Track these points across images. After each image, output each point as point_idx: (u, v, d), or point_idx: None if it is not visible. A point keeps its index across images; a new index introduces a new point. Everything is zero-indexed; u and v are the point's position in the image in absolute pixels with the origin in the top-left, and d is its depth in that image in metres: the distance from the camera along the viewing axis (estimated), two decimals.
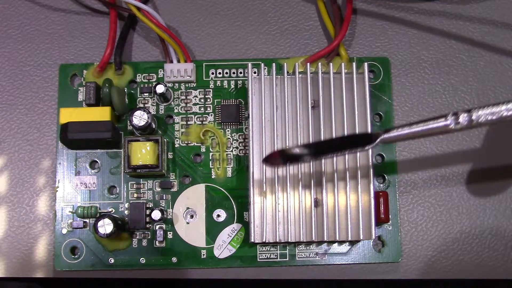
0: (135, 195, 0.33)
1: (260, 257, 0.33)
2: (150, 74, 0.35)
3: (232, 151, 0.34)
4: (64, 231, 0.33)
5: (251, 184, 0.31)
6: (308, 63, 0.33)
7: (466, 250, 0.33)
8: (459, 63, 0.35)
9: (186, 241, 0.33)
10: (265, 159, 0.29)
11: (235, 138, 0.34)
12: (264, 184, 0.31)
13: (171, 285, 0.35)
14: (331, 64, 0.32)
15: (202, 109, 0.34)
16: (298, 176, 0.31)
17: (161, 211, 0.32)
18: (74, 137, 0.31)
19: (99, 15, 0.36)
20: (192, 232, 0.33)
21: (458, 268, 0.33)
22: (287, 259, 0.33)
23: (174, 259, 0.32)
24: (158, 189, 0.33)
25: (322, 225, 0.30)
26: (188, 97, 0.34)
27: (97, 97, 0.33)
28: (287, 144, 0.31)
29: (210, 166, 0.33)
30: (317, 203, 0.31)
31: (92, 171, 0.33)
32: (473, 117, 0.25)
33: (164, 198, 0.33)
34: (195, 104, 0.34)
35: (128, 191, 0.33)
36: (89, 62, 0.35)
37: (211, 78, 0.34)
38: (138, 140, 0.32)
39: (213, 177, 0.33)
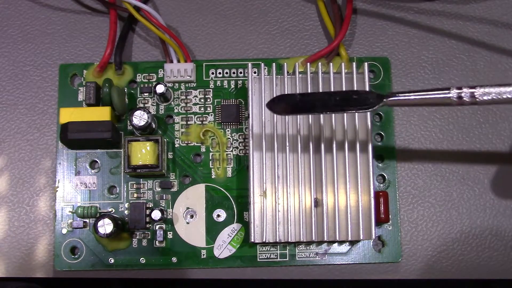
0: (135, 195, 0.33)
1: (260, 257, 0.33)
2: (150, 74, 0.35)
3: (232, 151, 0.34)
4: (64, 231, 0.33)
5: (251, 184, 0.31)
6: (308, 63, 0.33)
7: (466, 250, 0.33)
8: (459, 63, 0.35)
9: (186, 241, 0.33)
10: (269, 104, 0.28)
11: (235, 138, 0.34)
12: (264, 184, 0.31)
13: (171, 285, 0.35)
14: (331, 64, 0.32)
15: (202, 109, 0.34)
16: (298, 176, 0.31)
17: (161, 211, 0.32)
18: (74, 137, 0.31)
19: (99, 15, 0.36)
20: (192, 232, 0.33)
21: (458, 268, 0.33)
22: (287, 259, 0.33)
23: (174, 259, 0.32)
24: (158, 189, 0.33)
25: (322, 225, 0.30)
26: (188, 97, 0.34)
27: (97, 97, 0.33)
28: (287, 144, 0.31)
29: (210, 166, 0.33)
30: (317, 203, 0.31)
31: (92, 171, 0.33)
32: (476, 94, 0.26)
33: (164, 198, 0.33)
34: (195, 104, 0.34)
35: (128, 191, 0.33)
36: (89, 62, 0.35)
37: (211, 78, 0.34)
38: (138, 140, 0.32)
39: (213, 177, 0.33)
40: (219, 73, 0.35)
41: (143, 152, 0.32)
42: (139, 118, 0.32)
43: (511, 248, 0.33)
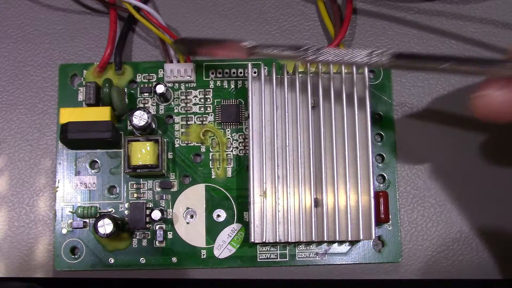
0: (135, 195, 0.33)
1: (260, 257, 0.33)
2: (150, 74, 0.35)
3: (232, 151, 0.34)
4: (64, 231, 0.33)
5: (251, 184, 0.31)
6: (308, 63, 0.33)
7: (466, 250, 0.33)
8: None
9: (186, 241, 0.33)
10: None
11: (235, 138, 0.34)
12: (264, 184, 0.31)
13: (171, 285, 0.35)
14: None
15: (202, 109, 0.34)
16: (298, 176, 0.31)
17: (161, 211, 0.32)
18: (74, 137, 0.31)
19: (99, 15, 0.36)
20: (192, 232, 0.33)
21: (458, 268, 0.33)
22: (287, 259, 0.33)
23: (174, 259, 0.32)
24: (158, 189, 0.33)
25: (322, 225, 0.30)
26: (188, 97, 0.34)
27: (97, 97, 0.33)
28: (287, 144, 0.31)
29: (210, 166, 0.33)
30: (317, 203, 0.31)
31: (92, 171, 0.33)
32: (320, 54, 0.28)
33: (164, 198, 0.33)
34: (195, 104, 0.34)
35: (128, 191, 0.33)
36: (89, 62, 0.35)
37: (211, 78, 0.34)
38: (138, 140, 0.32)
39: (213, 177, 0.33)
40: (219, 73, 0.34)
41: (143, 152, 0.32)
42: (139, 118, 0.32)
43: (511, 248, 0.33)
